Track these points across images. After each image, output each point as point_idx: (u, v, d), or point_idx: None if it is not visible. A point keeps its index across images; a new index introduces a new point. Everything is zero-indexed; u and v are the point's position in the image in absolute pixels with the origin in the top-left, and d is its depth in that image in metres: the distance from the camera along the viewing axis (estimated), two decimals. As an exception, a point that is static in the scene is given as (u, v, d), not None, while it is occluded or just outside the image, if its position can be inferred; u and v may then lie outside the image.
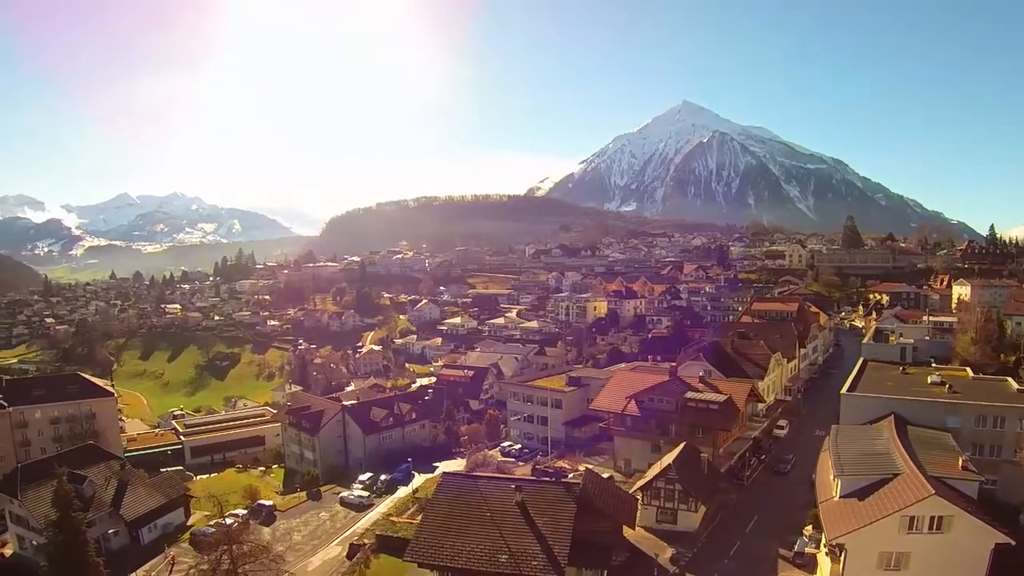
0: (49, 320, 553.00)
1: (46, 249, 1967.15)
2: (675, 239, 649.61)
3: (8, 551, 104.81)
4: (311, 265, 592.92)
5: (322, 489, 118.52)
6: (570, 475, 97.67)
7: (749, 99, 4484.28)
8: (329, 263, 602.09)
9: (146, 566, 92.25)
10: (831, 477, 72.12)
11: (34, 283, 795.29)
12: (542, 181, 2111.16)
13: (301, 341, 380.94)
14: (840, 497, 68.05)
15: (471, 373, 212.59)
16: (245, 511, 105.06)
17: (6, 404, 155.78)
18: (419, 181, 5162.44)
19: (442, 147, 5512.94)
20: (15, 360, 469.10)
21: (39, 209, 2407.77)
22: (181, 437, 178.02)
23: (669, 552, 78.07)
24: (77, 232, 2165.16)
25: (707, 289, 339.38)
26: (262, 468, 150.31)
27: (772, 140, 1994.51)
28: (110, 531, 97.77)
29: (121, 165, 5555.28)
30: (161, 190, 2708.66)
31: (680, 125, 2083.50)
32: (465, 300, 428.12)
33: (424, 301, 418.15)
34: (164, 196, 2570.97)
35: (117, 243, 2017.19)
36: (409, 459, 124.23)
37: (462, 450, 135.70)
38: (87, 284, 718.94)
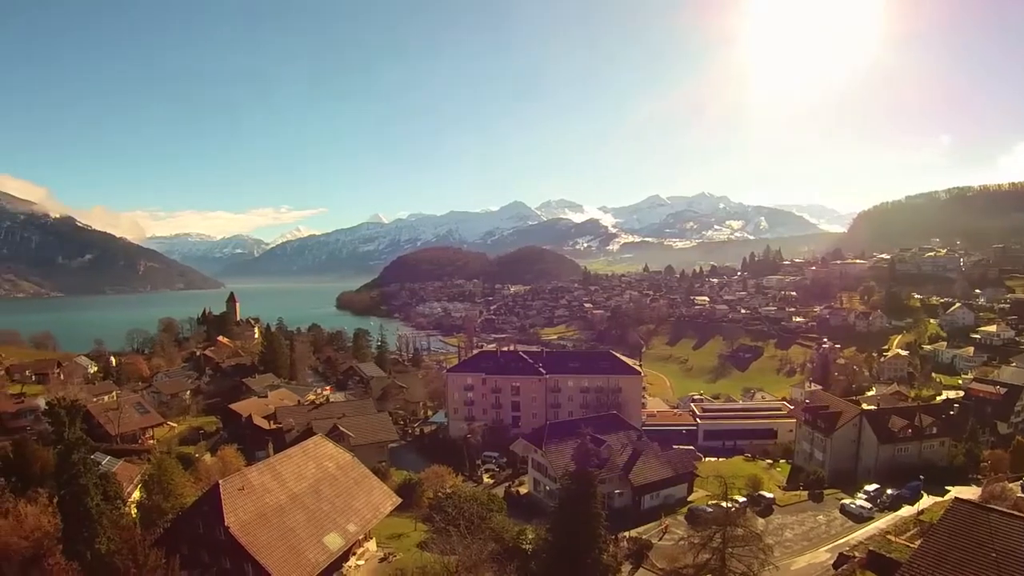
0: (587, 305, 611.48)
1: (585, 245, 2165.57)
2: None
3: (524, 490, 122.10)
4: (838, 262, 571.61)
5: (825, 492, 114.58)
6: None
7: None
8: (857, 260, 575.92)
9: (640, 528, 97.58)
10: None
11: (574, 273, 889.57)
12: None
13: (825, 339, 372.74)
14: None
15: (1003, 391, 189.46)
16: (744, 499, 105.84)
17: (544, 372, 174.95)
18: (950, 170, 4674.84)
19: (973, 132, 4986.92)
20: (555, 336, 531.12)
21: (578, 211, 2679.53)
22: (697, 419, 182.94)
23: None
24: (613, 230, 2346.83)
25: None
26: (769, 461, 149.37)
27: None
28: (616, 491, 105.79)
29: (651, 170, 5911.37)
30: (689, 191, 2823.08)
31: None
32: (1003, 306, 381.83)
33: (957, 305, 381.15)
34: (692, 196, 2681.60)
35: (649, 239, 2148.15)
36: (921, 477, 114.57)
37: (980, 477, 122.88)
38: (622, 275, 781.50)
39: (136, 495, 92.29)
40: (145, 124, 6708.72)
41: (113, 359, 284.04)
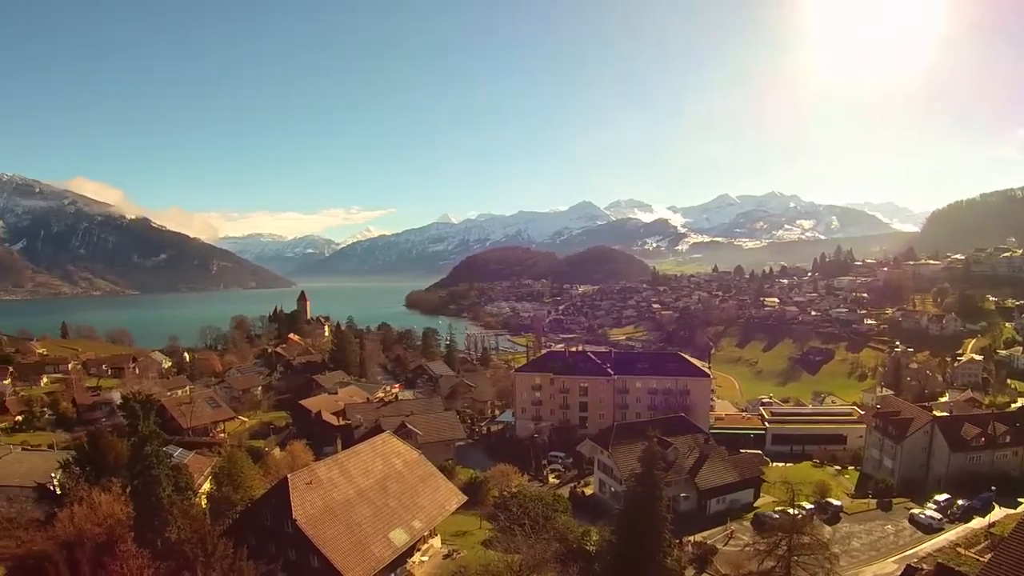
0: (655, 306, 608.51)
1: (654, 245, 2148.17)
2: None
3: (589, 491, 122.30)
4: (911, 263, 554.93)
5: (893, 501, 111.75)
6: None
7: None
8: (930, 261, 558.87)
9: (705, 532, 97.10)
10: None
11: (643, 274, 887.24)
12: None
13: (897, 343, 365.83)
14: None
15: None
16: (811, 506, 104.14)
17: (612, 373, 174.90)
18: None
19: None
20: (623, 337, 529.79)
21: (647, 211, 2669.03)
22: (765, 423, 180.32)
23: None
24: (682, 230, 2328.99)
25: None
26: (837, 467, 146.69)
27: None
28: (682, 495, 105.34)
29: (720, 169, 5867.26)
30: (759, 190, 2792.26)
31: None
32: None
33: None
34: (762, 196, 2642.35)
35: (719, 239, 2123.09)
36: (993, 488, 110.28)
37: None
38: (691, 276, 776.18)
39: (206, 486, 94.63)
40: (218, 127, 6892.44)
41: (187, 355, 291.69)
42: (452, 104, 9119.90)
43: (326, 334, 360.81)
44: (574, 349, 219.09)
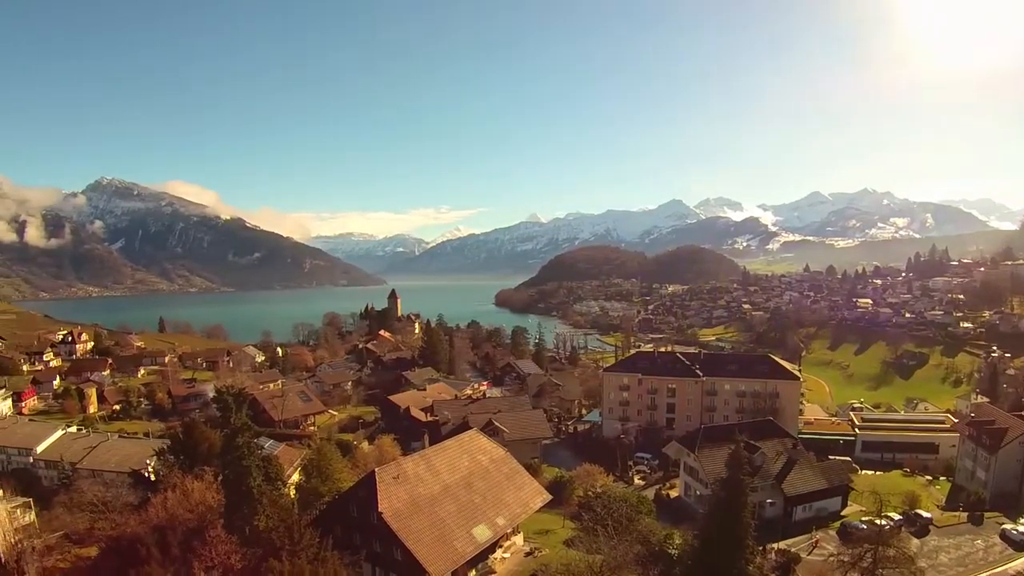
0: (746, 306, 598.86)
1: (744, 244, 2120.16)
2: None
3: (674, 493, 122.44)
4: (1009, 263, 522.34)
5: (985, 515, 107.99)
6: None
7: None
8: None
9: (790, 540, 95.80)
10: None
11: (733, 273, 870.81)
12: None
13: (994, 347, 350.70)
14: None
15: None
16: (900, 517, 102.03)
17: (701, 374, 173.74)
18: None
19: None
20: (713, 338, 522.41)
21: (737, 209, 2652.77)
22: (856, 429, 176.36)
23: None
24: (773, 229, 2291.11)
25: None
26: (928, 477, 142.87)
27: None
28: (768, 500, 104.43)
29: (811, 166, 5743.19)
30: (851, 187, 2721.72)
31: None
32: None
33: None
34: (855, 193, 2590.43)
35: (810, 238, 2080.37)
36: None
37: None
38: (782, 276, 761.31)
39: (295, 477, 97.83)
40: (311, 130, 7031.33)
41: (279, 350, 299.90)
42: (540, 104, 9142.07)
43: (416, 331, 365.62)
44: (663, 349, 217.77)
